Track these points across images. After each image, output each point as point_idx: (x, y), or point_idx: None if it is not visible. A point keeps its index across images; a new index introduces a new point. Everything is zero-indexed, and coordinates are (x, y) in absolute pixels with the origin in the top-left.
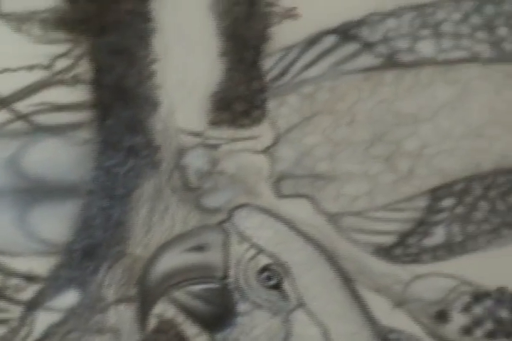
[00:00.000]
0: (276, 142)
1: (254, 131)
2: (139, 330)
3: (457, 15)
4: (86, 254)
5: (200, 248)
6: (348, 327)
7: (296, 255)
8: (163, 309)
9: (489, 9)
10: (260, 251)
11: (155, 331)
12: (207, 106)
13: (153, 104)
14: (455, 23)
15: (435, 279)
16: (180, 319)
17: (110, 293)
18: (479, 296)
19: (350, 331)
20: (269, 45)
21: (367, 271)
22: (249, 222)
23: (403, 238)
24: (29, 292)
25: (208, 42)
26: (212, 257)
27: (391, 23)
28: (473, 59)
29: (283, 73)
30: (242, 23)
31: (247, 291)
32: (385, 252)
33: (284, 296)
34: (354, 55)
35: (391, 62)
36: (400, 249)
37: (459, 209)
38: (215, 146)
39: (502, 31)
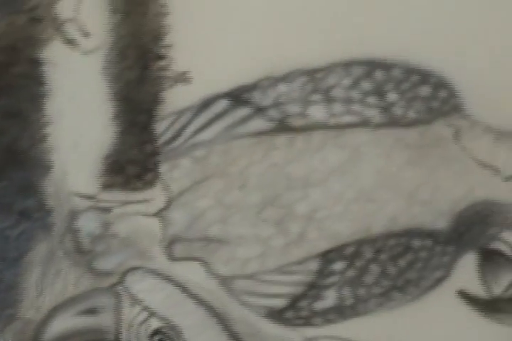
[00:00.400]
0: (168, 205)
1: (147, 194)
2: None
3: (348, 80)
4: None
5: (91, 311)
6: None
7: (188, 318)
8: None
9: (379, 75)
10: (152, 314)
11: None
12: (99, 169)
13: (45, 167)
14: (346, 88)
15: None
16: None
17: None
18: None
19: None
20: (162, 108)
21: (259, 333)
22: (141, 285)
23: (294, 301)
24: None
25: (101, 105)
26: (104, 320)
27: (282, 87)
28: (364, 123)
29: (175, 137)
30: (134, 86)
31: None
32: (276, 315)
33: None
34: (246, 119)
35: (283, 126)
36: (292, 312)
37: (350, 273)
38: (107, 209)
39: (391, 96)
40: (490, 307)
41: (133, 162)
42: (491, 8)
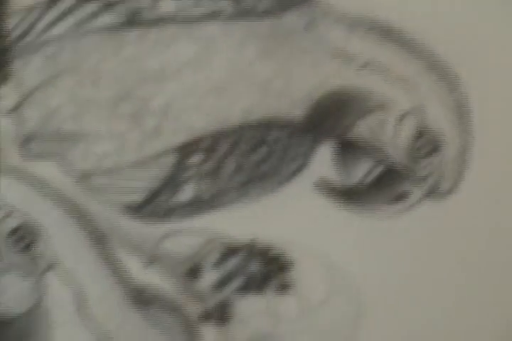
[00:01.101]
0: (21, 103)
1: None
2: None
3: None
4: None
5: None
6: (102, 287)
7: (46, 216)
8: None
9: None
10: (9, 213)
11: None
12: None
13: None
14: None
15: (186, 236)
16: None
17: None
18: (230, 251)
19: (104, 290)
20: (10, 5)
21: (119, 229)
22: None
23: (152, 195)
24: None
25: None
26: None
27: None
28: (215, 15)
29: (26, 33)
30: None
31: None
32: (135, 210)
33: (35, 258)
34: (95, 14)
35: (134, 21)
36: (150, 207)
37: (207, 166)
38: None
39: None
40: (347, 196)
41: None
42: None
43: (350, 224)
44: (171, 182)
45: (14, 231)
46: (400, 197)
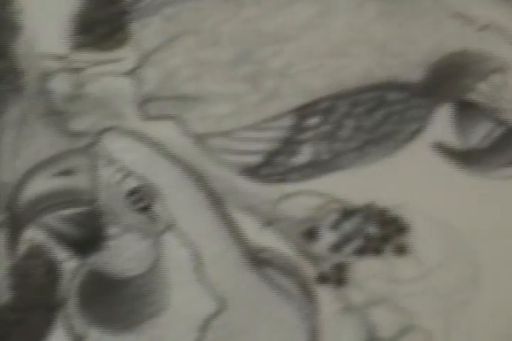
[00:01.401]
0: (140, 64)
1: (118, 53)
2: (9, 256)
3: None
4: None
5: (67, 172)
6: (218, 247)
7: (165, 177)
8: (33, 234)
9: None
10: (128, 174)
11: (25, 257)
12: (69, 29)
13: (14, 29)
14: None
15: (303, 197)
16: (51, 244)
17: None
18: (347, 213)
19: (221, 251)
20: None
21: (236, 191)
22: (116, 145)
23: (270, 157)
24: None
25: None
26: (80, 181)
27: None
28: None
29: None
30: None
31: (116, 215)
32: (253, 172)
33: (154, 219)
34: None
35: None
36: (268, 169)
37: (325, 128)
38: (79, 70)
39: None
40: (466, 158)
41: (101, 21)
42: None
43: (468, 187)
44: (289, 144)
45: (133, 192)
46: None
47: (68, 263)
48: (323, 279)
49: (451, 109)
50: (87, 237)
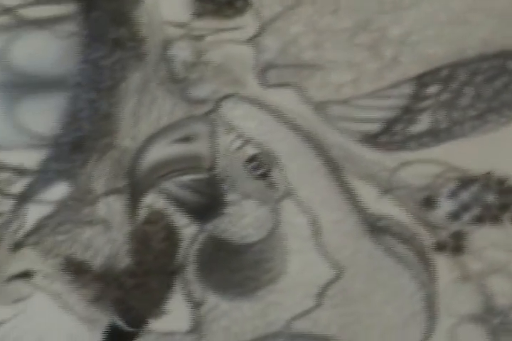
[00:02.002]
0: (260, 32)
1: (239, 21)
2: (129, 222)
3: None
4: (74, 147)
5: (187, 139)
6: (336, 215)
7: (283, 144)
8: (152, 200)
9: None
10: (247, 141)
11: (145, 222)
12: None
13: None
14: None
15: (422, 166)
16: (170, 210)
17: (99, 185)
18: (466, 182)
19: (338, 218)
20: None
21: (354, 158)
22: (235, 112)
23: (389, 125)
24: (19, 185)
25: None
26: (200, 148)
27: None
28: None
29: None
30: None
31: (235, 181)
32: (371, 140)
33: (272, 185)
34: None
35: None
36: (386, 137)
37: (445, 96)
38: (200, 37)
39: None
40: None
41: None
42: None
43: None
44: (408, 113)
45: (251, 159)
46: None
47: (187, 229)
48: (440, 247)
49: None
50: (206, 203)
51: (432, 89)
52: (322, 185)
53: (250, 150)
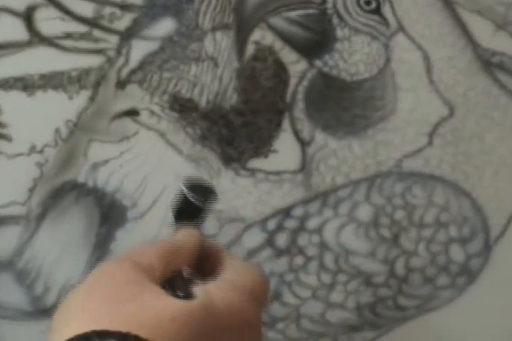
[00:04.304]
0: None
1: None
2: (237, 58)
3: None
4: None
5: None
6: (448, 51)
7: None
8: (260, 36)
9: None
10: None
11: (253, 58)
12: None
13: None
14: None
15: None
16: (279, 46)
17: (206, 21)
18: None
19: (450, 55)
20: None
21: None
22: None
23: None
24: (125, 21)
25: None
26: None
27: None
28: None
29: None
30: None
31: (345, 16)
32: None
33: (384, 20)
34: None
35: None
36: None
37: None
38: None
39: None
40: None
41: None
42: None
43: None
44: None
45: None
46: None
47: (296, 65)
48: None
49: None
50: (316, 39)
51: None
52: (434, 20)
53: None
